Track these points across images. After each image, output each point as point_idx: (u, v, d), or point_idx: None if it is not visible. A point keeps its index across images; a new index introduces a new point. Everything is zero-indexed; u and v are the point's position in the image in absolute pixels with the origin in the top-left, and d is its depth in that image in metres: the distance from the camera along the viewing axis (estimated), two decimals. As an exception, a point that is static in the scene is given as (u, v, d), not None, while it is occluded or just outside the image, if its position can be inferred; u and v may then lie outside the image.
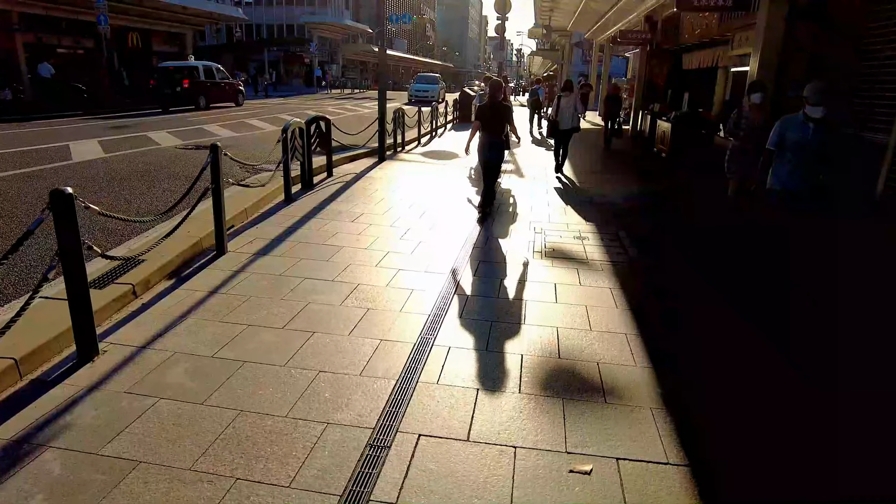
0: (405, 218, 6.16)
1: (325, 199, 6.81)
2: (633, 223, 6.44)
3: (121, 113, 18.36)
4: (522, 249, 5.25)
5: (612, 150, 13.85)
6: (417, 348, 3.24)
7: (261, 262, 4.61)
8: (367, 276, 4.38)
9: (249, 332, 3.39)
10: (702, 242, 5.75)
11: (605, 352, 3.28)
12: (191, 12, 26.85)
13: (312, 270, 4.44)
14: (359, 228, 5.66)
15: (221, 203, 4.71)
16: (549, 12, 23.22)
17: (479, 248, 5.20)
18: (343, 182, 7.84)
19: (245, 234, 5.34)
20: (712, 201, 7.76)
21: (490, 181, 6.30)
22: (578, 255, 5.11)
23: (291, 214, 6.07)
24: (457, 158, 11.14)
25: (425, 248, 5.14)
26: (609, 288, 4.29)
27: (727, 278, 4.61)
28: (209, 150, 4.57)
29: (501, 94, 6.42)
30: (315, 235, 5.37)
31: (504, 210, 6.83)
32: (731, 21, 9.13)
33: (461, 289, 4.19)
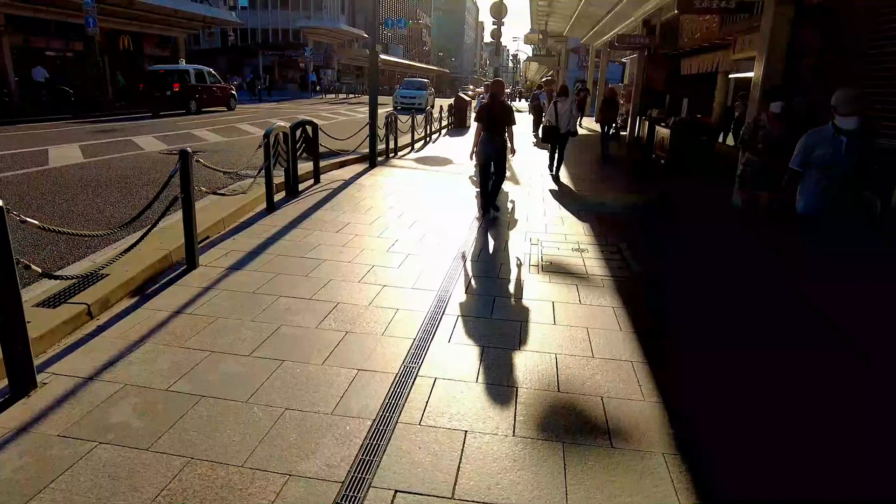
0: (394, 228, 5.82)
1: (309, 207, 6.46)
2: (634, 234, 6.12)
3: (110, 117, 17.98)
4: (518, 263, 4.90)
5: (610, 156, 13.57)
6: (399, 380, 2.88)
7: (234, 278, 4.24)
8: (349, 293, 4.03)
9: (212, 360, 3.03)
10: (709, 257, 5.42)
11: (609, 384, 2.93)
12: (182, 15, 26.52)
13: (289, 287, 4.08)
14: (343, 240, 5.30)
15: (192, 214, 4.35)
16: (546, 17, 23.01)
17: (472, 262, 4.86)
18: (330, 189, 7.49)
19: (220, 247, 4.98)
20: (717, 212, 7.46)
21: (487, 180, 6.27)
22: (578, 270, 4.78)
23: (272, 224, 5.71)
24: (450, 165, 10.82)
25: (414, 261, 4.80)
26: (612, 307, 3.95)
27: (740, 299, 4.28)
28: (178, 157, 4.21)
29: (503, 93, 6.32)
30: (295, 247, 5.01)
31: (500, 219, 6.49)
32: (733, 24, 8.86)
33: (451, 308, 3.84)
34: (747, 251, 5.27)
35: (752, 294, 4.31)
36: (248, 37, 53.16)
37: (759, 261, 4.85)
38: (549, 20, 23.84)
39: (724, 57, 10.17)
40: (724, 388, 2.95)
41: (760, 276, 4.65)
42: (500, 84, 6.42)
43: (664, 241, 5.97)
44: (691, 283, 4.57)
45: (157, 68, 20.42)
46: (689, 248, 5.68)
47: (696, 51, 11.94)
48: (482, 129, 6.13)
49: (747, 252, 5.24)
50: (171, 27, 27.78)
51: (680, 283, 4.58)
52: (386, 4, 68.53)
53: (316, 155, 7.71)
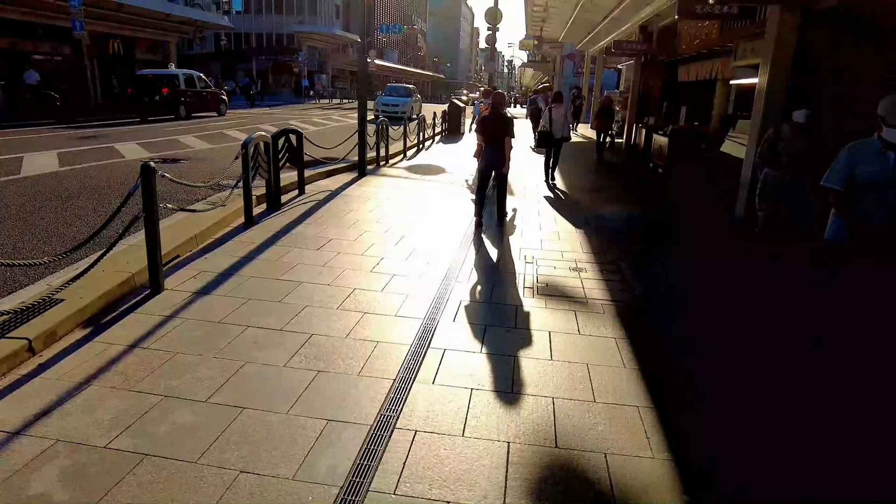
0: (380, 245, 5.46)
1: (291, 221, 6.09)
2: (634, 250, 5.79)
3: (96, 122, 17.57)
4: (512, 285, 4.55)
5: (607, 164, 13.35)
6: (374, 434, 2.52)
7: (200, 304, 3.87)
8: (325, 322, 3.66)
9: (163, 408, 2.66)
10: (716, 277, 5.09)
11: (614, 436, 2.58)
12: (174, 19, 26.21)
13: (259, 315, 3.72)
14: (324, 258, 4.94)
15: (156, 233, 3.98)
16: (541, 23, 22.78)
17: (462, 284, 4.50)
18: (315, 201, 7.13)
19: (191, 266, 4.61)
20: (721, 225, 7.14)
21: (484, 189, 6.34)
22: (576, 293, 4.43)
23: (249, 240, 5.35)
24: (443, 174, 10.48)
25: (400, 283, 4.44)
26: (614, 338, 3.61)
27: (756, 328, 3.94)
28: (140, 171, 3.84)
29: (504, 105, 6.48)
30: (271, 267, 4.64)
31: (492, 233, 6.15)
32: (734, 30, 8.58)
33: (438, 339, 3.48)
34: (761, 273, 4.92)
35: (771, 323, 3.98)
36: (242, 41, 52.84)
37: (778, 285, 4.51)
38: (545, 26, 23.62)
39: (724, 64, 9.89)
40: (742, 439, 2.60)
41: (780, 302, 4.32)
42: (500, 96, 6.51)
43: (667, 259, 5.64)
44: (699, 309, 4.23)
45: (145, 73, 20.04)
46: (694, 267, 5.35)
47: (694, 57, 11.68)
48: (483, 140, 6.21)
49: (761, 274, 4.89)
50: (163, 31, 27.46)
51: (687, 308, 4.24)
52: (381, 10, 68.40)
53: (300, 165, 7.35)
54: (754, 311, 4.20)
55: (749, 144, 7.09)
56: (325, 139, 10.37)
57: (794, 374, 3.23)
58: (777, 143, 4.91)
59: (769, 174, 5.02)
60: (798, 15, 6.39)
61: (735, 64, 8.93)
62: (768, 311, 4.12)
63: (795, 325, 3.74)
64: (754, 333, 3.79)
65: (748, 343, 3.64)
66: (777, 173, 4.92)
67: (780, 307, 4.09)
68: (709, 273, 5.15)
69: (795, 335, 3.69)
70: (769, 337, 3.72)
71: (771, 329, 3.83)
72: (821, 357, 3.28)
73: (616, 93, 22.28)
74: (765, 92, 6.66)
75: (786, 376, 3.21)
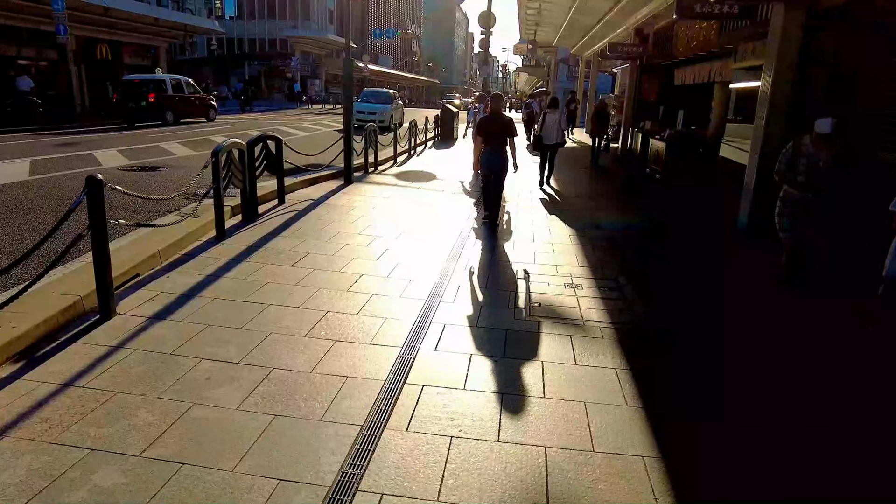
0: (360, 260, 5.06)
1: (266, 233, 5.69)
2: (635, 264, 5.42)
3: (81, 128, 17.12)
4: (502, 305, 4.16)
5: (603, 170, 13.06)
6: (331, 500, 2.12)
7: (153, 332, 3.47)
8: (290, 353, 3.26)
9: (85, 467, 2.25)
10: (730, 299, 4.71)
11: (617, 497, 2.19)
12: (163, 24, 25.79)
13: (217, 344, 3.31)
14: (297, 275, 4.54)
15: (105, 253, 3.58)
16: (535, 26, 22.54)
17: (447, 305, 4.11)
18: (295, 211, 6.72)
19: (150, 286, 4.20)
20: (724, 235, 6.78)
21: (490, 191, 6.32)
22: (571, 314, 4.05)
23: (219, 256, 4.94)
24: (433, 181, 10.11)
25: (378, 305, 4.04)
26: (614, 369, 3.22)
27: (776, 358, 3.57)
28: (85, 185, 3.44)
29: (503, 107, 6.46)
30: (238, 288, 4.24)
31: (482, 245, 5.77)
32: (734, 31, 8.26)
33: (417, 373, 3.09)
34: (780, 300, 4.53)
35: (795, 354, 3.60)
36: (235, 46, 52.53)
37: (799, 314, 4.14)
38: (538, 29, 23.39)
39: (723, 66, 9.57)
40: (766, 497, 2.22)
41: (802, 330, 3.95)
42: (499, 98, 6.53)
43: (670, 273, 5.27)
44: (709, 334, 3.85)
45: (131, 78, 19.61)
46: (699, 283, 4.98)
47: (691, 60, 11.37)
48: (483, 142, 6.13)
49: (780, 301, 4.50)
50: (152, 36, 27.04)
51: (694, 332, 3.86)
52: (375, 15, 68.24)
53: (279, 173, 6.95)
54: (775, 342, 3.82)
55: (752, 150, 6.74)
56: (313, 145, 10.00)
57: (837, 429, 2.85)
58: (797, 159, 4.33)
59: (789, 194, 4.45)
60: (803, 14, 6.06)
61: (735, 66, 8.61)
62: (794, 346, 3.74)
63: (820, 356, 3.37)
64: (779, 370, 3.41)
65: (771, 380, 3.26)
66: (798, 193, 4.34)
67: (805, 342, 3.73)
68: (716, 291, 4.78)
69: (821, 368, 3.32)
70: (798, 378, 3.35)
71: (799, 369, 3.45)
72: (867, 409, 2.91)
73: (611, 97, 22.02)
74: (769, 95, 6.32)
75: (809, 416, 2.83)
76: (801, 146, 4.37)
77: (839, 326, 3.93)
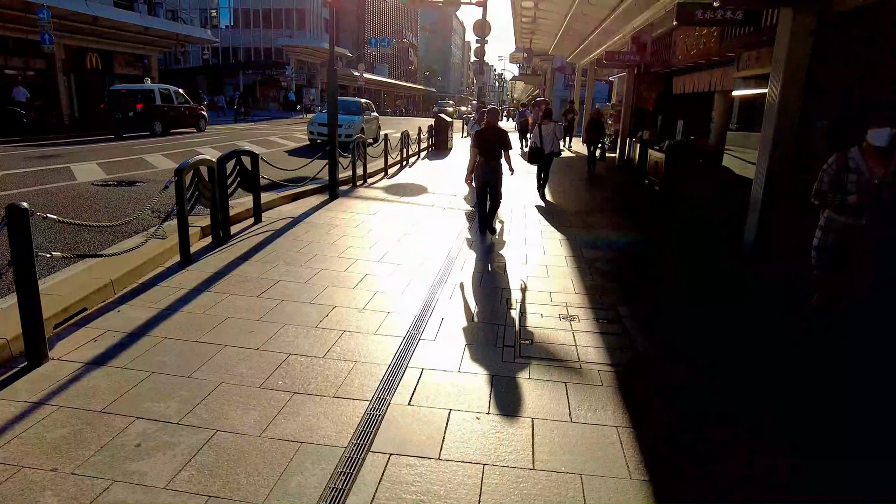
0: (335, 288, 4.62)
1: (236, 258, 5.24)
2: (636, 290, 4.99)
3: (66, 139, 16.71)
4: (488, 343, 3.72)
5: (600, 181, 12.72)
6: None
7: (87, 382, 3.01)
8: (240, 409, 2.81)
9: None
10: (746, 331, 4.27)
11: None
12: (153, 33, 25.44)
13: (157, 398, 2.86)
14: (263, 308, 4.09)
15: (33, 290, 3.13)
16: (530, 34, 22.26)
17: (427, 344, 3.66)
18: (271, 231, 6.28)
19: (96, 323, 3.75)
20: (731, 252, 6.34)
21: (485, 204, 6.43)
22: (567, 353, 3.60)
23: (179, 285, 4.49)
24: (425, 194, 9.69)
25: (349, 345, 3.59)
26: (615, 427, 2.77)
27: (818, 418, 3.13)
28: (4, 216, 3.01)
29: (498, 121, 6.59)
30: (195, 324, 3.79)
31: (470, 269, 5.33)
32: (736, 38, 7.88)
33: (384, 436, 2.64)
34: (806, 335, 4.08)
35: (836, 412, 3.16)
36: (230, 55, 52.37)
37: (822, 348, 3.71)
38: (534, 38, 23.11)
39: (725, 74, 9.20)
40: None
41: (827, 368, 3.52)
42: (495, 112, 6.68)
43: (675, 301, 4.83)
44: (720, 378, 3.41)
45: (119, 88, 19.23)
46: (709, 313, 4.54)
47: (690, 68, 11.01)
48: (478, 154, 6.24)
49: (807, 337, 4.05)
50: (142, 45, 26.70)
51: (707, 373, 3.42)
52: (372, 24, 68.23)
53: (255, 190, 6.51)
54: (809, 393, 3.38)
55: (759, 161, 6.34)
56: (301, 156, 9.59)
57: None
58: (843, 177, 3.57)
59: (833, 221, 3.68)
60: (811, 19, 5.68)
61: (738, 74, 8.23)
62: (833, 401, 3.31)
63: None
64: (822, 435, 2.97)
65: (806, 445, 2.82)
66: (847, 219, 3.60)
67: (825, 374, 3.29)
68: (728, 323, 4.34)
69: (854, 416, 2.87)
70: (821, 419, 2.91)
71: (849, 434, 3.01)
72: None
73: (608, 105, 21.71)
74: (777, 104, 5.93)
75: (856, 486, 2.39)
76: (847, 161, 3.59)
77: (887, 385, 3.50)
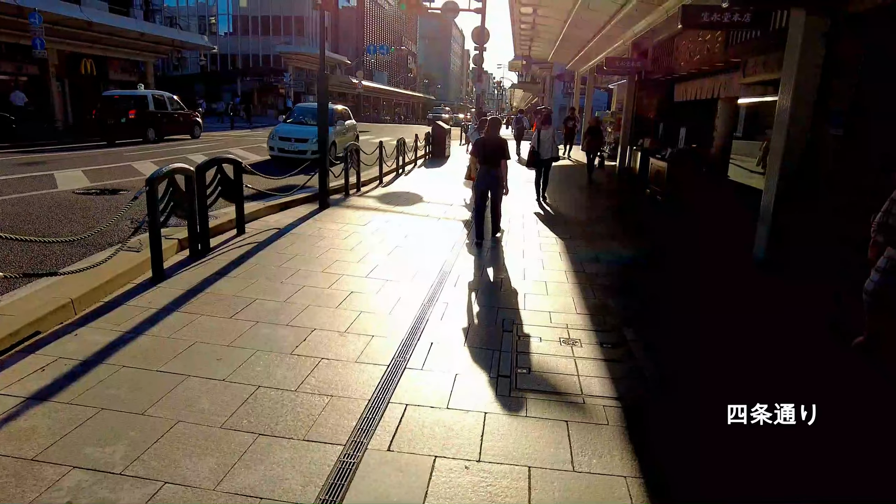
0: (316, 307, 4.26)
1: (212, 273, 4.89)
2: (642, 310, 4.64)
3: (57, 146, 16.41)
4: (481, 372, 3.37)
5: (601, 191, 12.44)
6: None
7: (22, 423, 2.65)
8: (195, 452, 2.45)
9: None
10: (770, 365, 3.91)
11: None
12: (149, 39, 25.24)
13: (105, 441, 2.50)
14: (235, 331, 3.74)
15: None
16: (529, 41, 22.06)
17: (413, 374, 3.31)
18: (254, 243, 5.93)
19: (47, 349, 3.39)
20: (744, 269, 6.00)
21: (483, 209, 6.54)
22: (568, 385, 3.25)
23: (147, 304, 4.13)
24: (419, 203, 9.37)
25: (325, 375, 3.24)
26: (623, 477, 2.42)
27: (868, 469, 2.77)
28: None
29: (499, 130, 6.78)
30: (159, 349, 3.43)
31: (465, 284, 4.99)
32: (742, 43, 7.60)
33: (356, 491, 2.28)
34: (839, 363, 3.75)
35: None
36: (228, 62, 52.29)
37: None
38: (533, 45, 22.92)
39: (729, 81, 8.91)
40: None
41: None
42: (496, 122, 6.86)
43: (683, 321, 4.48)
44: (746, 407, 3.05)
45: (111, 93, 18.97)
46: (721, 336, 4.19)
47: (693, 75, 10.73)
48: (479, 162, 6.46)
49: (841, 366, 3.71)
50: (139, 51, 26.47)
51: (722, 412, 3.06)
52: (371, 31, 68.26)
53: (239, 200, 6.17)
54: (854, 432, 3.02)
55: (769, 172, 6.02)
56: (294, 163, 9.28)
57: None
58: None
59: (892, 257, 3.21)
60: (824, 21, 5.37)
61: (743, 81, 7.94)
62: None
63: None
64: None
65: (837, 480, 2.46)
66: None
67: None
68: (745, 347, 3.98)
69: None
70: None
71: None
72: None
73: (608, 113, 21.45)
74: (788, 112, 5.61)
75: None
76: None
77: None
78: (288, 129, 13.83)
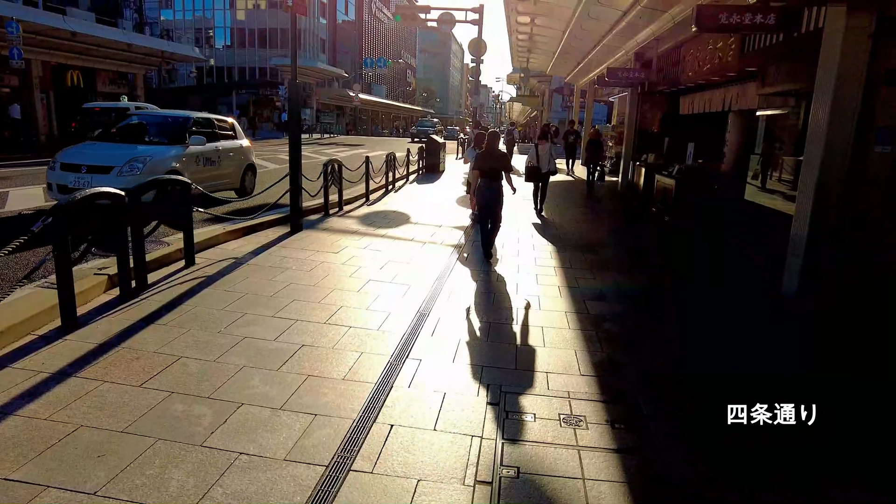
0: (253, 368, 3.40)
1: (140, 319, 4.02)
2: (659, 369, 3.78)
3: (32, 159, 15.71)
4: (452, 476, 2.51)
5: (602, 208, 11.67)
6: None
7: None
8: None
9: None
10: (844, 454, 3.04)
11: None
12: (137, 50, 24.60)
13: None
14: (140, 406, 2.87)
15: None
16: (527, 53, 21.42)
17: (358, 477, 2.44)
18: (202, 277, 5.08)
19: None
20: (776, 307, 5.14)
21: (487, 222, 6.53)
22: (570, 495, 2.39)
23: (40, 365, 3.27)
24: (406, 225, 8.56)
25: (240, 481, 2.37)
26: None
27: None
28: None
29: (498, 143, 6.82)
30: (30, 438, 2.56)
31: (443, 337, 4.14)
32: (760, 50, 6.82)
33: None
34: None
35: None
36: (224, 75, 51.91)
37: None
38: (531, 57, 22.28)
39: (743, 92, 8.15)
40: None
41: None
42: (495, 135, 6.94)
43: (715, 384, 3.60)
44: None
45: (92, 105, 18.26)
46: (763, 400, 3.32)
47: (701, 86, 9.98)
48: (480, 175, 6.39)
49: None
50: (127, 63, 25.84)
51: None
52: (369, 45, 68.10)
53: (187, 226, 5.33)
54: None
55: (802, 194, 5.20)
56: (279, 177, 8.49)
57: None
58: None
59: None
60: (870, 19, 4.60)
61: (763, 91, 7.16)
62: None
63: None
64: None
65: None
66: None
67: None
68: (807, 427, 3.11)
69: None
70: None
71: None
72: None
73: (608, 127, 20.74)
74: (825, 127, 4.81)
75: None
76: None
77: None
78: (81, 153, 7.75)
